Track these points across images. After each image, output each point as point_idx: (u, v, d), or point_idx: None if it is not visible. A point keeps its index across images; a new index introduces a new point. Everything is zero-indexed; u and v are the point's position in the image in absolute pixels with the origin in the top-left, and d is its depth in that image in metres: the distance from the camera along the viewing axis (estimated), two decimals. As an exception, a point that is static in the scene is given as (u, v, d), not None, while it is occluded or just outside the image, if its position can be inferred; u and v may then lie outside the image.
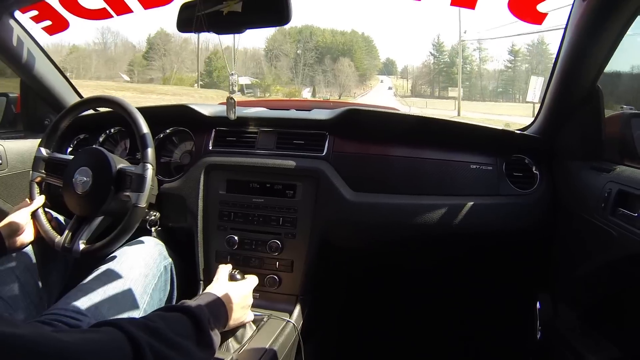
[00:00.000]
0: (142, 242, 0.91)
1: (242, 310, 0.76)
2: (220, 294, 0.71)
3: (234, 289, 0.76)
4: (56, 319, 0.68)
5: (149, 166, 0.87)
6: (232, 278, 0.84)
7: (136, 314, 0.77)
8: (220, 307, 0.69)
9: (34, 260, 0.86)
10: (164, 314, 0.56)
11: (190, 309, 0.59)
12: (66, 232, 0.88)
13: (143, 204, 0.86)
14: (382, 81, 52.24)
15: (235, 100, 1.00)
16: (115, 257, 0.84)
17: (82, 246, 0.85)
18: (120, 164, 0.91)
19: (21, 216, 0.87)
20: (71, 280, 0.95)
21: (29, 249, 0.87)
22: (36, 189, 0.95)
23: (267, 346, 0.79)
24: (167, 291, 0.90)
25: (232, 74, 1.00)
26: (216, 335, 0.61)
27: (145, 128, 0.90)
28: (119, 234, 0.84)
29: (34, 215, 0.90)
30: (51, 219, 0.93)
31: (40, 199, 0.92)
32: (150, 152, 0.88)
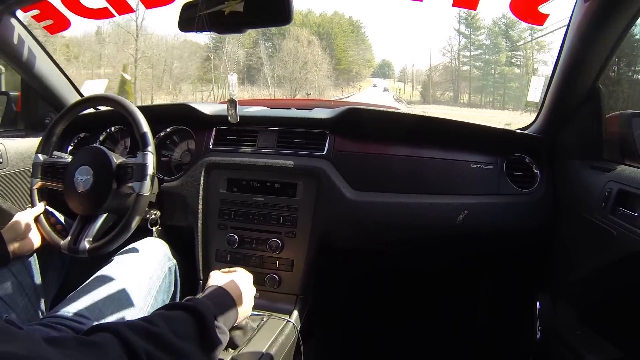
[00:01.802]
0: (146, 243, 0.91)
1: (249, 300, 0.73)
2: (225, 286, 0.68)
3: (237, 277, 0.74)
4: (59, 322, 0.67)
5: (149, 154, 0.87)
6: None
7: (140, 316, 0.74)
8: (228, 300, 0.66)
9: (31, 260, 0.86)
10: (166, 314, 0.54)
11: (195, 307, 0.56)
12: (71, 233, 0.88)
13: (147, 192, 0.85)
14: (374, 85, 38.51)
15: (237, 101, 1.00)
16: (119, 258, 0.84)
17: (87, 245, 0.85)
18: (120, 159, 0.91)
19: (24, 223, 0.86)
20: (68, 278, 0.95)
21: None
22: (37, 195, 0.95)
23: (266, 346, 0.79)
24: (170, 293, 0.89)
25: (231, 74, 1.00)
26: (223, 334, 0.58)
27: (144, 123, 0.90)
28: (124, 227, 0.84)
29: (37, 221, 0.89)
30: (55, 223, 0.93)
31: (40, 206, 0.92)
32: (149, 142, 0.88)
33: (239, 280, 0.73)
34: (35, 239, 0.87)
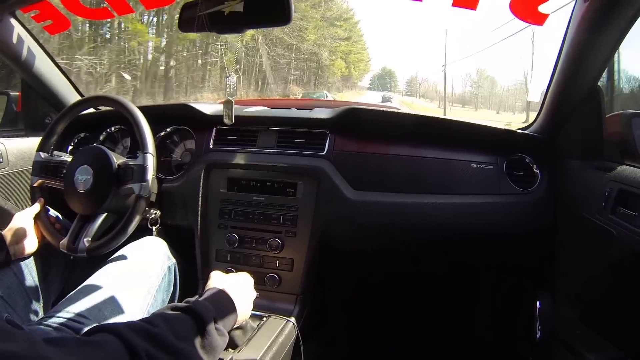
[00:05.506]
0: (146, 242, 0.91)
1: (248, 303, 0.73)
2: (225, 288, 0.68)
3: (237, 280, 0.74)
4: (58, 322, 0.67)
5: (150, 156, 0.87)
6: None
7: (139, 316, 0.76)
8: (227, 303, 0.66)
9: (32, 259, 0.86)
10: (166, 315, 0.55)
11: (195, 308, 0.56)
12: (70, 232, 0.88)
13: (146, 193, 0.85)
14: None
15: (234, 102, 0.99)
16: (119, 257, 0.84)
17: (86, 244, 0.85)
18: (121, 159, 0.91)
19: (24, 224, 0.85)
20: (70, 278, 0.96)
21: None
22: (37, 194, 0.94)
23: (266, 345, 0.79)
24: (170, 292, 0.89)
25: (229, 75, 1.00)
26: (223, 336, 0.58)
27: (145, 124, 0.90)
28: (123, 228, 0.84)
29: (36, 220, 0.89)
30: (55, 222, 0.92)
31: (38, 205, 0.91)
32: (150, 143, 0.88)
33: (239, 282, 0.74)
34: (35, 239, 0.86)
